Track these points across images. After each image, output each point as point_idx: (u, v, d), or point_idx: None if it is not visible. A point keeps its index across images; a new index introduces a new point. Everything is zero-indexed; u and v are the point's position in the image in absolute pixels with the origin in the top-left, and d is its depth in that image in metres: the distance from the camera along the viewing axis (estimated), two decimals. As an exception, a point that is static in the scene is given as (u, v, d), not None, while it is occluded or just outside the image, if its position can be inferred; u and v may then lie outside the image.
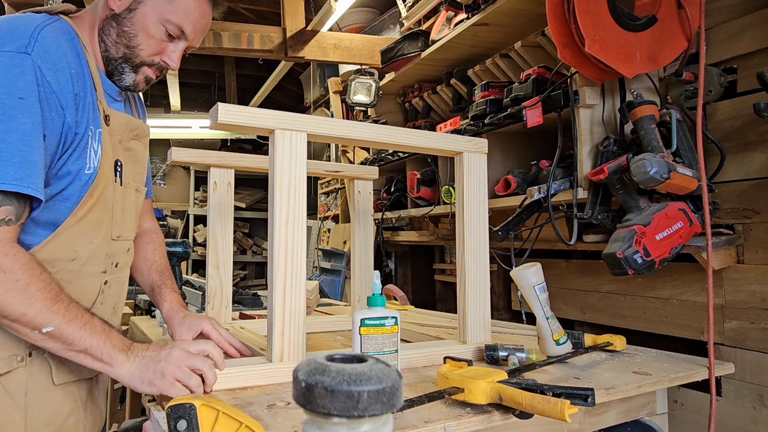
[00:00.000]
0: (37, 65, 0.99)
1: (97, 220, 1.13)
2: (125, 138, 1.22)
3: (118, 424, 2.48)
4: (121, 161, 1.20)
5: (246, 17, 5.28)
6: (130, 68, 1.18)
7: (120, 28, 1.15)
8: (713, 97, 1.61)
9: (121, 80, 1.19)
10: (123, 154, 1.21)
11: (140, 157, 1.30)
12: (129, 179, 1.24)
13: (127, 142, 1.23)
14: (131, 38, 1.16)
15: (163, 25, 1.16)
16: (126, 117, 1.22)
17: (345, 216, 4.13)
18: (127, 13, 1.15)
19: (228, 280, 1.64)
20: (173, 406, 0.75)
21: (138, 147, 1.28)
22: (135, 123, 1.26)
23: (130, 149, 1.25)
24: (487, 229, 1.35)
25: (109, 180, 1.15)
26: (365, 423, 0.49)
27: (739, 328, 1.56)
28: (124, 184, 1.22)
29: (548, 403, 0.84)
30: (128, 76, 1.19)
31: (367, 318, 1.02)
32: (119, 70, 1.18)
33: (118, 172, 1.19)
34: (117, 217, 1.20)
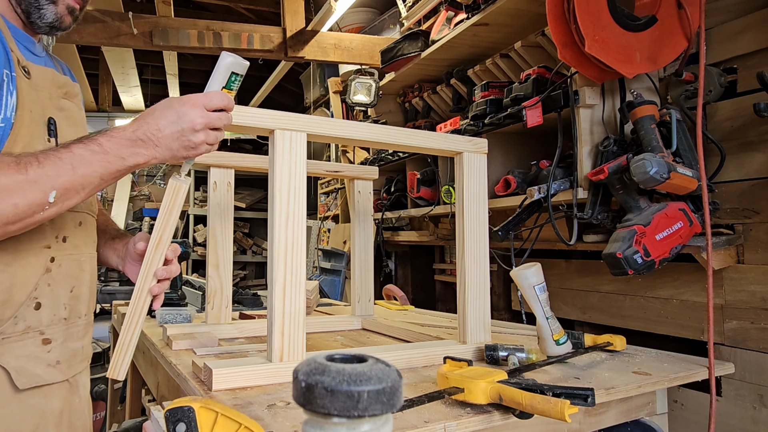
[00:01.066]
0: None
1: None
2: (54, 95, 1.08)
3: (118, 424, 2.48)
4: (54, 119, 1.05)
5: (246, 17, 5.29)
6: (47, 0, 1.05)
7: None
8: (713, 97, 1.61)
9: (42, 17, 1.06)
10: (56, 113, 1.07)
11: (77, 119, 1.15)
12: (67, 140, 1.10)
13: (58, 101, 1.09)
14: None
15: None
16: (50, 71, 1.09)
17: (345, 216, 4.14)
18: None
19: (228, 280, 1.64)
20: (172, 409, 0.75)
21: (71, 107, 1.13)
22: (61, 79, 1.12)
23: (63, 108, 1.10)
24: (487, 229, 1.35)
25: (35, 138, 1.00)
26: (365, 423, 0.49)
27: (739, 328, 1.55)
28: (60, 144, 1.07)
29: (548, 403, 0.84)
30: (47, 9, 1.05)
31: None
32: (35, 4, 1.05)
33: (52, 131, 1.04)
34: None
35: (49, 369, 1.03)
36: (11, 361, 0.97)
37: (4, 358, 0.96)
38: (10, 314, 0.98)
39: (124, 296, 4.61)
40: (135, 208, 6.96)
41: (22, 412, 0.98)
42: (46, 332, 1.03)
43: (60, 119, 1.08)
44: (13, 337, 0.98)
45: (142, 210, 6.90)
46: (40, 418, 1.01)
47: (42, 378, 1.01)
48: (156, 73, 6.27)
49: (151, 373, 1.59)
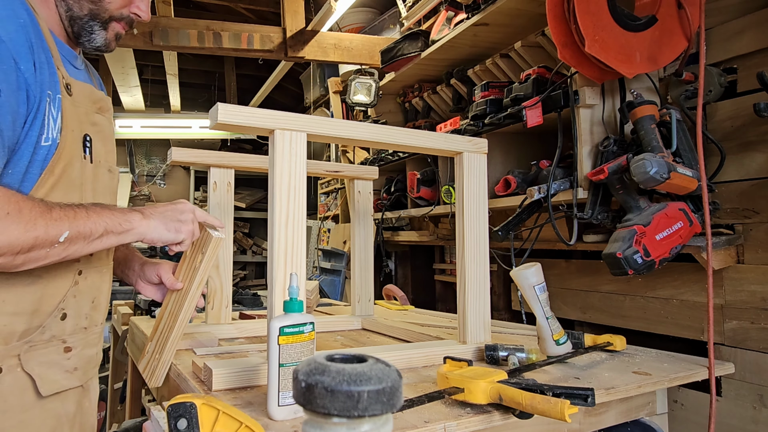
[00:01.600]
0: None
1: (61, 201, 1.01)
2: (90, 110, 1.12)
3: (118, 424, 2.48)
4: (90, 136, 1.10)
5: (246, 17, 5.29)
6: (100, 25, 1.10)
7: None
8: (713, 97, 1.61)
9: (92, 40, 1.11)
10: (91, 129, 1.11)
11: (108, 133, 1.18)
12: (100, 157, 1.14)
13: (92, 116, 1.13)
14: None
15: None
16: (88, 87, 1.13)
17: (345, 216, 4.14)
18: None
19: (228, 280, 1.64)
20: (174, 404, 0.75)
21: (104, 122, 1.17)
22: (98, 94, 1.16)
23: (96, 124, 1.14)
24: (487, 229, 1.35)
25: (74, 156, 1.05)
26: (365, 423, 0.49)
27: (739, 328, 1.55)
28: (95, 162, 1.11)
29: (548, 403, 0.84)
30: (98, 34, 1.10)
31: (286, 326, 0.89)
32: (88, 30, 1.09)
33: (88, 147, 1.08)
34: (88, 199, 1.08)
35: (67, 375, 1.07)
36: (35, 368, 1.01)
37: (29, 365, 1.01)
38: (39, 324, 1.03)
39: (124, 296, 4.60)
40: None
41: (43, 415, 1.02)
42: (68, 341, 1.09)
43: (94, 134, 1.12)
44: (38, 345, 1.03)
45: (142, 210, 6.89)
46: (57, 421, 1.05)
47: (61, 384, 1.06)
48: (156, 73, 6.28)
49: (151, 373, 1.58)
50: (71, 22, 1.09)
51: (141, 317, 2.03)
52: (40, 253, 0.92)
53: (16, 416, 0.98)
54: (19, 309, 1.00)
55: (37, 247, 0.91)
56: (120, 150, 6.92)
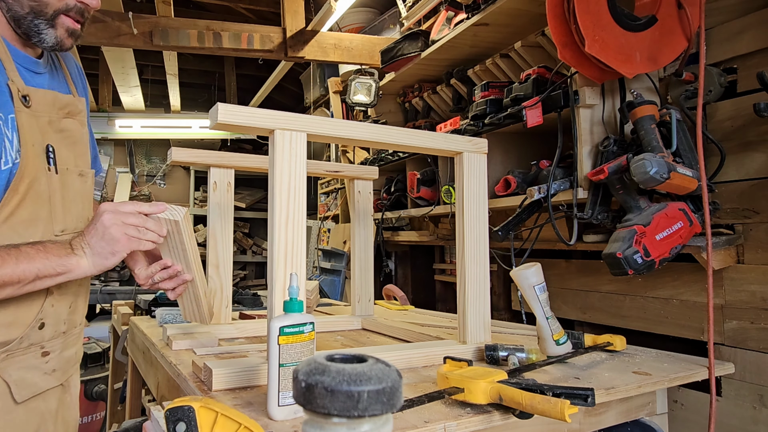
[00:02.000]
0: None
1: (30, 217, 1.01)
2: (55, 118, 1.08)
3: (118, 424, 2.48)
4: (53, 146, 1.06)
5: (246, 17, 5.29)
6: (46, 23, 1.03)
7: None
8: (713, 97, 1.61)
9: (42, 41, 1.04)
10: (55, 137, 1.07)
11: (78, 137, 1.15)
12: (68, 164, 1.10)
13: (59, 123, 1.08)
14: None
15: None
16: (51, 94, 1.08)
17: (345, 216, 4.14)
18: None
19: (228, 280, 1.64)
20: (172, 408, 0.75)
21: (73, 126, 1.13)
22: (64, 99, 1.11)
23: (64, 130, 1.10)
24: (487, 229, 1.35)
25: (39, 170, 1.02)
26: (365, 423, 0.49)
27: (739, 328, 1.55)
28: (61, 171, 1.08)
29: (548, 403, 0.84)
30: (47, 33, 1.03)
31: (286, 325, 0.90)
32: (35, 29, 1.02)
33: (51, 158, 1.05)
34: (57, 210, 1.07)
35: (45, 377, 1.08)
36: (13, 374, 1.02)
37: (7, 371, 1.01)
38: (17, 335, 1.03)
39: (124, 296, 4.61)
40: (135, 208, 6.95)
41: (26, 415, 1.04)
42: (46, 346, 1.09)
43: (58, 142, 1.08)
44: (16, 353, 1.03)
45: (142, 210, 6.89)
46: (41, 418, 1.07)
47: (39, 386, 1.07)
48: (156, 73, 6.27)
49: (151, 373, 1.59)
50: (17, 24, 1.03)
51: (141, 317, 2.04)
52: None
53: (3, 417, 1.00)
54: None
55: None
56: (120, 150, 6.93)
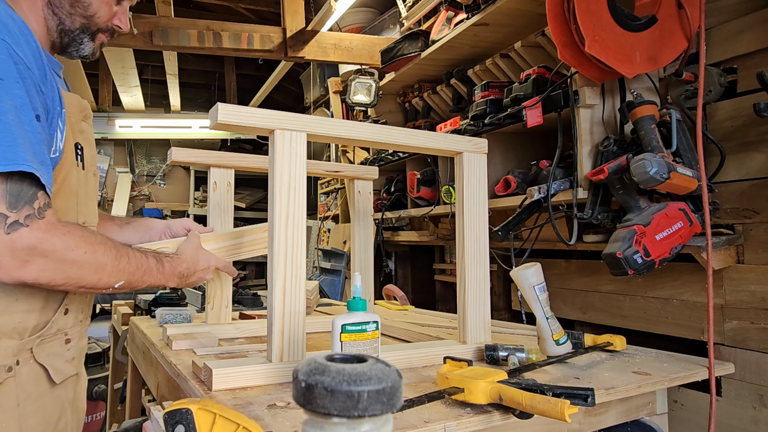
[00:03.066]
0: (8, 43, 0.94)
1: (62, 208, 1.10)
2: (78, 119, 1.18)
3: (118, 424, 2.48)
4: (81, 144, 1.16)
5: (246, 17, 5.29)
6: (89, 37, 1.17)
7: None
8: (713, 97, 1.61)
9: (80, 50, 1.18)
10: (79, 137, 1.17)
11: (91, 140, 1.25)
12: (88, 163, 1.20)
13: (78, 124, 1.18)
14: (87, 7, 1.14)
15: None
16: (76, 97, 1.18)
17: (345, 216, 4.14)
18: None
19: (228, 280, 1.64)
20: (170, 411, 0.75)
21: (88, 129, 1.23)
22: (83, 103, 1.22)
23: (83, 131, 1.19)
24: (487, 229, 1.35)
25: (72, 164, 1.12)
26: (365, 423, 0.49)
27: (739, 328, 1.55)
28: (86, 169, 1.18)
29: (548, 403, 0.83)
30: (87, 45, 1.18)
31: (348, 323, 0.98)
32: (78, 41, 1.16)
33: (79, 155, 1.15)
34: (81, 204, 1.17)
35: (67, 364, 1.16)
36: (45, 359, 1.10)
37: (41, 357, 1.09)
38: (47, 319, 1.11)
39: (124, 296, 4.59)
40: (135, 208, 6.96)
41: (53, 401, 1.11)
42: (69, 333, 1.18)
43: (82, 141, 1.17)
44: (47, 339, 1.11)
45: (142, 210, 6.90)
46: (62, 406, 1.14)
47: (64, 373, 1.15)
48: (156, 73, 6.28)
49: (151, 373, 1.59)
50: (62, 35, 1.15)
51: (141, 317, 2.04)
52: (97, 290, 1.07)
53: (34, 402, 1.07)
54: (30, 307, 1.07)
55: (96, 287, 1.05)
56: (120, 150, 6.93)
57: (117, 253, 1.07)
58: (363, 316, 1.00)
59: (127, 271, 1.08)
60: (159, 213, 6.85)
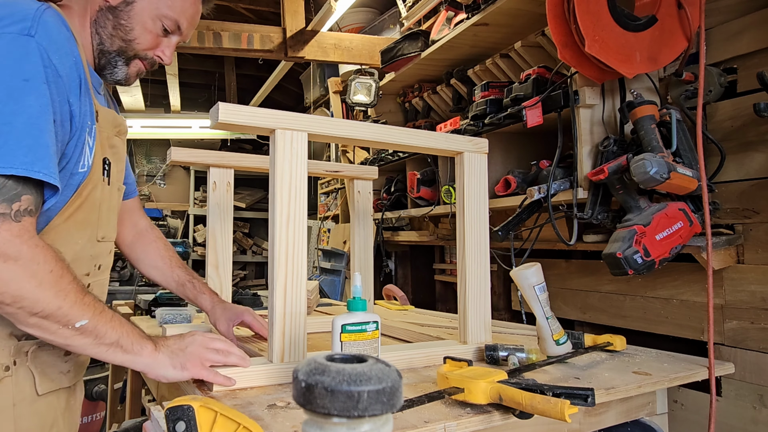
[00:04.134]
0: (43, 47, 0.94)
1: (83, 221, 1.09)
2: (110, 135, 1.18)
3: (118, 424, 2.48)
4: (109, 159, 1.16)
5: (246, 17, 5.28)
6: (124, 61, 1.17)
7: (117, 20, 1.13)
8: (713, 97, 1.61)
9: (114, 74, 1.17)
10: (109, 152, 1.17)
11: (122, 155, 1.27)
12: (114, 177, 1.20)
13: (111, 139, 1.19)
14: (128, 32, 1.13)
15: (160, 20, 1.15)
16: (112, 113, 1.19)
17: (345, 216, 4.13)
18: (124, 6, 1.12)
19: (228, 280, 1.64)
20: (172, 407, 0.76)
21: (120, 144, 1.24)
22: (119, 119, 1.23)
23: (114, 146, 1.20)
24: (487, 229, 1.35)
25: (98, 179, 1.12)
26: (365, 423, 0.49)
27: (739, 328, 1.55)
28: (111, 184, 1.18)
29: (548, 403, 0.84)
30: (121, 69, 1.17)
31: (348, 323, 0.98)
32: (112, 64, 1.16)
33: (106, 170, 1.15)
34: (103, 218, 1.16)
35: (60, 376, 1.13)
36: (38, 366, 1.07)
37: (34, 362, 1.06)
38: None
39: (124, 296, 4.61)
40: (135, 208, 6.95)
41: (47, 407, 1.09)
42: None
43: (110, 157, 1.17)
44: (45, 347, 1.08)
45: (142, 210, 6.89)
46: (55, 414, 1.12)
47: (54, 384, 1.11)
48: (156, 73, 6.26)
49: (151, 373, 1.58)
50: (100, 55, 1.15)
51: (141, 317, 2.04)
52: (52, 325, 0.91)
53: (29, 405, 1.05)
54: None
55: (53, 318, 0.91)
56: (120, 150, 6.92)
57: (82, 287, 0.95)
58: (363, 316, 1.00)
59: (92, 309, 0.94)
60: (159, 213, 6.84)
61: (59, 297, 0.90)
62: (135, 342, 0.99)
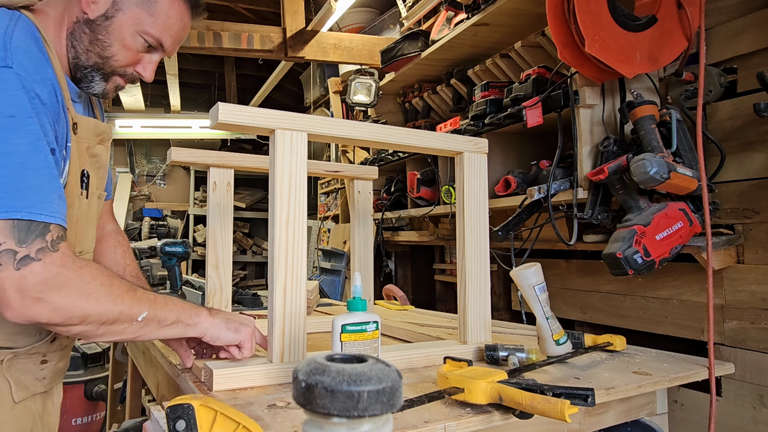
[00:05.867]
0: (22, 77, 0.90)
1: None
2: (91, 144, 1.13)
3: (118, 424, 2.48)
4: (87, 171, 1.11)
5: (246, 17, 5.28)
6: (101, 77, 1.11)
7: (94, 35, 1.06)
8: (713, 97, 1.61)
9: (90, 88, 1.11)
10: (88, 162, 1.12)
11: (104, 161, 1.21)
12: (93, 188, 1.16)
13: (93, 148, 1.14)
14: (105, 48, 1.07)
15: (142, 36, 1.08)
16: (93, 122, 1.13)
17: (345, 216, 4.14)
18: (102, 20, 1.05)
19: (227, 280, 1.64)
20: (172, 406, 0.76)
21: (102, 152, 1.19)
22: (101, 127, 1.17)
23: (95, 155, 1.15)
24: (487, 229, 1.35)
25: (75, 195, 1.07)
26: (365, 423, 0.49)
27: (739, 328, 1.55)
28: (90, 195, 1.14)
29: (548, 403, 0.84)
30: (98, 84, 1.11)
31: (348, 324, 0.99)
32: (89, 78, 1.10)
33: (85, 183, 1.11)
34: (81, 232, 1.12)
35: (35, 382, 1.13)
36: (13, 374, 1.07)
37: (9, 371, 1.06)
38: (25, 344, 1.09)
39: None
40: (135, 208, 6.96)
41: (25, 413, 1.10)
42: (47, 355, 1.15)
43: (90, 166, 1.14)
44: (21, 356, 1.09)
45: (142, 210, 6.90)
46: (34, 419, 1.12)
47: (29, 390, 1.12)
48: (156, 73, 6.25)
49: (151, 373, 1.59)
50: (75, 68, 1.09)
51: (141, 317, 2.03)
52: (119, 327, 0.96)
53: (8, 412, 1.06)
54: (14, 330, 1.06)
55: (119, 322, 0.96)
56: (120, 150, 6.92)
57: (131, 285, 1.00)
58: (363, 316, 1.01)
59: (147, 300, 0.99)
60: (159, 213, 6.84)
61: (117, 303, 0.95)
62: (192, 314, 1.05)
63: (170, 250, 2.21)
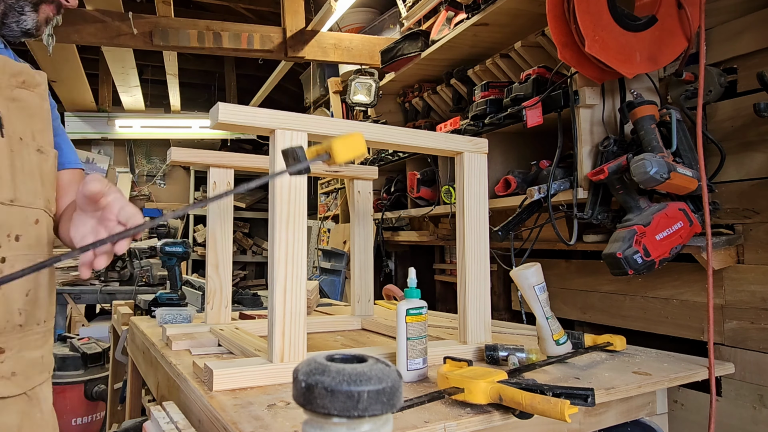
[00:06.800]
0: None
1: None
2: (5, 85, 1.02)
3: (118, 424, 2.48)
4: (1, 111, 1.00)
5: (246, 17, 5.29)
6: (31, 6, 1.05)
7: None
8: (713, 97, 1.61)
9: (21, 21, 1.05)
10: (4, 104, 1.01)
11: (35, 110, 1.08)
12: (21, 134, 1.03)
13: (10, 90, 1.03)
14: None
15: None
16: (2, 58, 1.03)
17: (345, 216, 4.14)
18: None
19: (227, 280, 1.64)
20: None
21: (30, 98, 1.07)
22: (17, 67, 1.05)
23: (17, 99, 1.04)
24: (487, 229, 1.35)
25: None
26: (365, 423, 0.49)
27: (739, 328, 1.55)
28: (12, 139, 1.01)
29: (548, 403, 0.84)
30: (29, 16, 1.06)
31: (410, 308, 1.11)
32: (18, 10, 1.04)
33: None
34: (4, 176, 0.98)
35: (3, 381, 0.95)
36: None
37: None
38: None
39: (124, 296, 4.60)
40: (135, 208, 6.96)
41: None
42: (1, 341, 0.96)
43: (10, 110, 1.02)
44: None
45: (142, 210, 6.90)
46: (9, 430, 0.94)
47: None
48: (156, 73, 6.27)
49: (151, 373, 1.59)
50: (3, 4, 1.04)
51: (141, 317, 2.03)
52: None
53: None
54: None
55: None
56: (120, 150, 6.92)
57: None
58: (418, 302, 1.13)
59: None
60: (159, 213, 6.84)
61: None
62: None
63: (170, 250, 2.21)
